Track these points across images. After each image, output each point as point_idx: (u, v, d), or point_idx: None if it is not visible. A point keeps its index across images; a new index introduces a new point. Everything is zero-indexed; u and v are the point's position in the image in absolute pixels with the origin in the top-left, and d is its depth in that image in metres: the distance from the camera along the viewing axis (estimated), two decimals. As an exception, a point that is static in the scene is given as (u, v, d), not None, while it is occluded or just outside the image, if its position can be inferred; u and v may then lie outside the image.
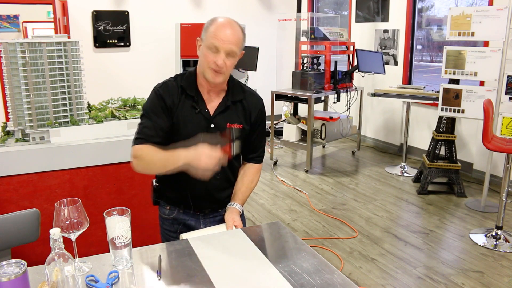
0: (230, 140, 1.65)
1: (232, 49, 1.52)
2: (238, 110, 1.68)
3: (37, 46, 2.18)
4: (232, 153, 1.66)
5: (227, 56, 1.53)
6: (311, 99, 4.80)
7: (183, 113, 1.62)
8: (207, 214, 1.78)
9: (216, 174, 1.62)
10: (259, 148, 1.80)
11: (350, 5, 6.26)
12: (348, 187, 4.47)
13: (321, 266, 1.35)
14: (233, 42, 1.52)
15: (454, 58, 3.90)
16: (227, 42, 1.51)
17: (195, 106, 1.62)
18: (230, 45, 1.51)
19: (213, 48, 1.52)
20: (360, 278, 2.80)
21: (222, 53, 1.52)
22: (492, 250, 3.15)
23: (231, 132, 1.65)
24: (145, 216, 2.48)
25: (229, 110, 1.66)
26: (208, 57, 1.53)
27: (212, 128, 1.63)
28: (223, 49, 1.51)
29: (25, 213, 1.69)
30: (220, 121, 1.64)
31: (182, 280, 1.27)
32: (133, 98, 2.79)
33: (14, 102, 2.26)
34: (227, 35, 1.51)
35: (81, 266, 1.34)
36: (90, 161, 2.30)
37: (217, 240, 1.50)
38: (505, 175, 3.27)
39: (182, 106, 1.62)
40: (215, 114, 1.63)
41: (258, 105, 1.72)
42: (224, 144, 1.62)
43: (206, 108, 1.63)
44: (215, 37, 1.51)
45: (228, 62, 1.54)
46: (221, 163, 1.46)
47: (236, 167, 1.79)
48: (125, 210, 1.30)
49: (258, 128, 1.75)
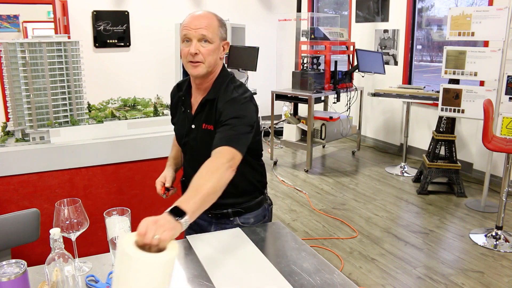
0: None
1: (203, 34, 1.46)
2: (211, 110, 1.55)
3: (37, 46, 2.18)
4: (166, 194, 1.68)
5: (201, 42, 1.48)
6: (311, 99, 4.80)
7: (175, 112, 1.72)
8: (219, 219, 1.68)
9: None
10: (227, 130, 1.47)
11: (350, 5, 6.25)
12: (348, 187, 4.47)
13: (321, 266, 1.35)
14: (204, 27, 1.47)
15: (454, 58, 3.90)
16: (196, 28, 1.47)
17: (182, 105, 1.65)
18: (201, 31, 1.46)
19: (185, 38, 1.49)
20: (360, 278, 2.80)
21: (194, 40, 1.47)
22: (492, 250, 3.15)
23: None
24: (145, 216, 2.47)
25: (205, 109, 1.56)
26: (184, 51, 1.50)
27: (192, 129, 1.59)
28: (193, 36, 1.47)
29: (25, 213, 1.69)
30: (198, 121, 1.58)
31: (182, 280, 1.27)
32: (133, 98, 2.79)
33: (14, 102, 2.26)
34: (196, 22, 1.48)
35: (81, 266, 1.34)
36: (90, 161, 2.30)
37: (217, 240, 1.50)
38: (505, 175, 3.27)
39: (175, 105, 1.71)
40: (194, 114, 1.60)
41: (222, 100, 1.52)
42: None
43: (190, 108, 1.62)
44: (185, 27, 1.49)
45: (203, 49, 1.47)
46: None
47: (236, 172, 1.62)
48: (125, 210, 1.30)
49: (224, 111, 1.50)
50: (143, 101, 2.77)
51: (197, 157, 1.55)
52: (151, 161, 2.43)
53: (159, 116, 2.52)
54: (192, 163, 1.62)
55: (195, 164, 1.54)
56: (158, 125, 2.48)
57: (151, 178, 1.85)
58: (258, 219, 1.72)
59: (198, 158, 1.53)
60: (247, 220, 1.69)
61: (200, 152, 1.56)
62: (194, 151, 1.62)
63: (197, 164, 1.51)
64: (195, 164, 1.54)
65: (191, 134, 1.61)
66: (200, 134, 1.58)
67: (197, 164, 1.52)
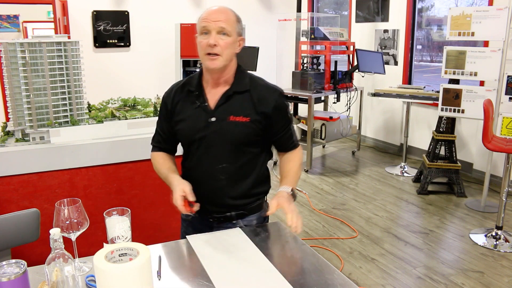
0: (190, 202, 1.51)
1: (222, 26, 1.48)
2: (243, 101, 1.57)
3: (37, 46, 2.18)
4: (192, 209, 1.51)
5: (219, 35, 1.49)
6: (311, 99, 4.80)
7: (183, 109, 1.62)
8: (221, 223, 1.66)
9: (220, 174, 1.60)
10: (290, 137, 1.69)
11: (350, 5, 6.25)
12: (348, 187, 4.47)
13: (321, 266, 1.35)
14: (223, 20, 1.49)
15: (454, 58, 3.90)
16: (216, 21, 1.49)
17: (195, 101, 1.60)
18: (220, 23, 1.48)
19: (204, 30, 1.50)
20: (360, 278, 2.80)
21: (213, 32, 1.49)
22: (492, 250, 3.15)
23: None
24: (145, 216, 2.48)
25: (231, 101, 1.57)
26: (202, 43, 1.51)
27: (213, 122, 1.57)
28: (212, 28, 1.48)
29: (25, 213, 1.68)
30: (222, 114, 1.57)
31: (182, 280, 1.27)
32: (133, 98, 2.79)
33: (14, 102, 2.26)
34: (215, 15, 1.50)
35: (81, 266, 1.34)
36: (90, 161, 2.30)
37: (217, 240, 1.50)
38: (505, 175, 3.27)
39: (183, 103, 1.63)
40: (216, 107, 1.58)
41: (273, 96, 1.60)
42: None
43: (206, 102, 1.59)
44: (204, 20, 1.50)
45: (221, 41, 1.49)
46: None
47: (250, 169, 1.64)
48: (125, 210, 1.30)
49: (280, 119, 1.63)
50: (143, 101, 2.77)
51: (216, 150, 1.58)
52: (151, 161, 2.43)
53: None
54: (207, 156, 1.59)
55: (211, 157, 1.59)
56: (158, 125, 2.48)
57: (151, 178, 1.85)
58: (260, 221, 1.71)
59: (217, 151, 1.58)
60: (250, 222, 1.69)
61: (220, 143, 1.57)
62: (213, 144, 1.58)
63: (215, 156, 1.59)
64: (211, 157, 1.59)
65: (211, 127, 1.57)
66: (224, 126, 1.56)
67: (214, 156, 1.59)
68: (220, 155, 1.59)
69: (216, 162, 1.59)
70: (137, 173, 2.42)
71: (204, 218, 1.68)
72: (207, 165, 1.61)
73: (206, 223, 1.67)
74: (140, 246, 1.07)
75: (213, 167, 1.60)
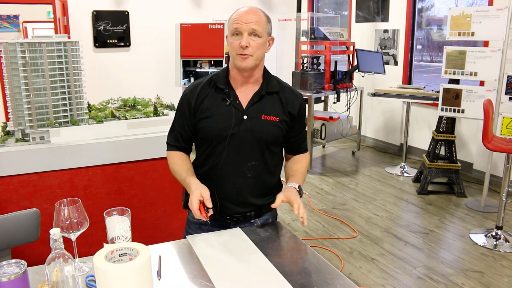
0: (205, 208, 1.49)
1: (254, 28, 1.51)
2: (274, 102, 1.63)
3: (37, 46, 2.18)
4: (207, 216, 1.48)
5: (251, 36, 1.52)
6: (311, 99, 4.80)
7: (212, 106, 1.60)
8: (239, 223, 1.66)
9: (248, 172, 1.61)
10: (303, 141, 1.78)
11: (350, 5, 6.25)
12: (348, 187, 4.47)
13: (321, 266, 1.35)
14: (254, 22, 1.51)
15: (454, 58, 3.90)
16: (247, 22, 1.51)
17: (226, 98, 1.59)
18: (251, 25, 1.51)
19: (236, 32, 1.53)
20: (360, 278, 2.80)
21: (245, 34, 1.51)
22: (492, 250, 3.15)
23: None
24: (145, 216, 2.48)
25: (263, 101, 1.61)
26: (233, 44, 1.53)
27: (245, 120, 1.58)
28: (244, 30, 1.51)
29: (25, 213, 1.68)
30: (254, 113, 1.59)
31: (182, 280, 1.27)
32: (133, 98, 2.79)
33: (14, 102, 2.26)
34: (246, 17, 1.52)
35: (81, 266, 1.34)
36: (90, 161, 2.30)
37: (217, 240, 1.50)
38: (505, 175, 3.27)
39: (210, 99, 1.61)
40: (248, 106, 1.60)
41: (297, 100, 1.68)
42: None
43: (238, 100, 1.60)
44: (236, 21, 1.52)
45: (253, 42, 1.52)
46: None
47: (274, 167, 1.70)
48: (125, 210, 1.30)
49: (300, 123, 1.72)
50: (143, 101, 2.77)
51: (246, 148, 1.60)
52: (151, 161, 2.43)
53: (159, 116, 2.52)
54: (237, 153, 1.60)
55: (241, 155, 1.61)
56: (158, 125, 2.48)
57: (151, 178, 1.85)
58: (274, 218, 1.75)
59: (247, 148, 1.61)
60: (266, 221, 1.71)
61: (251, 141, 1.60)
62: (244, 141, 1.59)
63: (244, 153, 1.61)
64: (241, 155, 1.61)
65: (242, 125, 1.58)
66: (257, 125, 1.59)
67: (243, 153, 1.61)
68: (250, 153, 1.61)
69: (246, 159, 1.61)
70: (137, 173, 2.42)
71: (219, 220, 1.66)
72: (236, 162, 1.61)
73: (221, 224, 1.65)
74: (140, 246, 1.07)
75: (242, 164, 1.61)
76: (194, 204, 1.45)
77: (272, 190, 1.72)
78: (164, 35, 5.85)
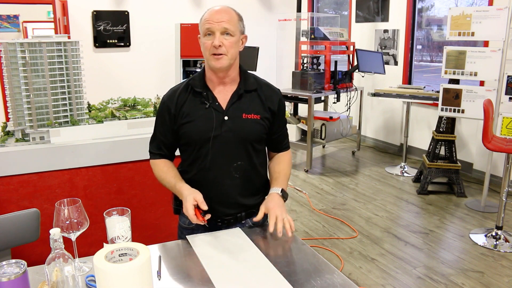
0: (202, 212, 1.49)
1: (225, 27, 1.50)
2: (253, 100, 1.62)
3: (37, 46, 2.18)
4: (204, 220, 1.48)
5: (223, 35, 1.51)
6: (311, 99, 4.80)
7: (192, 110, 1.59)
8: (230, 225, 1.66)
9: (235, 172, 1.61)
10: (285, 137, 1.77)
11: (350, 5, 6.25)
12: (348, 187, 4.47)
13: (321, 266, 1.35)
14: (226, 21, 1.50)
15: (454, 58, 3.90)
16: (219, 22, 1.50)
17: (205, 101, 1.59)
18: (223, 24, 1.50)
19: (208, 32, 1.51)
20: (360, 278, 2.80)
21: (217, 33, 1.50)
22: (492, 250, 3.15)
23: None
24: (145, 216, 2.48)
25: (242, 99, 1.60)
26: (206, 44, 1.52)
27: (226, 121, 1.57)
28: (216, 29, 1.50)
29: (25, 213, 1.68)
30: (234, 112, 1.58)
31: (182, 280, 1.27)
32: (133, 98, 2.79)
33: (14, 102, 2.26)
34: (218, 16, 1.51)
35: (81, 266, 1.34)
36: (90, 161, 2.30)
37: (217, 240, 1.50)
38: (505, 175, 3.27)
39: (190, 104, 1.60)
40: (228, 106, 1.59)
41: (276, 95, 1.67)
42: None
43: (217, 101, 1.59)
44: (207, 21, 1.51)
45: (226, 41, 1.50)
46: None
47: (260, 165, 1.69)
48: (125, 210, 1.30)
49: (280, 118, 1.70)
50: (143, 101, 2.77)
51: (230, 148, 1.59)
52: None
53: (159, 116, 2.51)
54: (222, 155, 1.59)
55: (226, 156, 1.60)
56: (158, 125, 2.48)
57: (151, 178, 1.84)
58: (265, 219, 1.72)
59: (231, 149, 1.59)
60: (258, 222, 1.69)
61: (234, 141, 1.59)
62: (227, 142, 1.59)
63: (229, 154, 1.60)
64: (226, 156, 1.60)
65: (224, 126, 1.57)
66: (238, 124, 1.58)
67: (228, 154, 1.60)
68: (235, 153, 1.60)
69: (231, 160, 1.60)
70: (137, 173, 2.42)
71: (210, 223, 1.63)
72: (222, 164, 1.60)
73: (212, 228, 1.62)
74: (140, 246, 1.07)
75: (228, 165, 1.61)
76: (189, 210, 1.46)
77: (260, 188, 1.72)
78: (164, 35, 5.85)
